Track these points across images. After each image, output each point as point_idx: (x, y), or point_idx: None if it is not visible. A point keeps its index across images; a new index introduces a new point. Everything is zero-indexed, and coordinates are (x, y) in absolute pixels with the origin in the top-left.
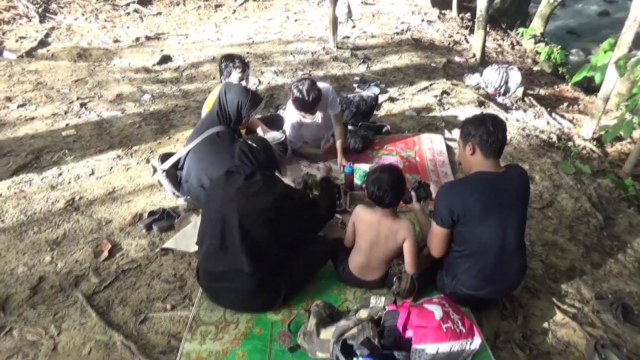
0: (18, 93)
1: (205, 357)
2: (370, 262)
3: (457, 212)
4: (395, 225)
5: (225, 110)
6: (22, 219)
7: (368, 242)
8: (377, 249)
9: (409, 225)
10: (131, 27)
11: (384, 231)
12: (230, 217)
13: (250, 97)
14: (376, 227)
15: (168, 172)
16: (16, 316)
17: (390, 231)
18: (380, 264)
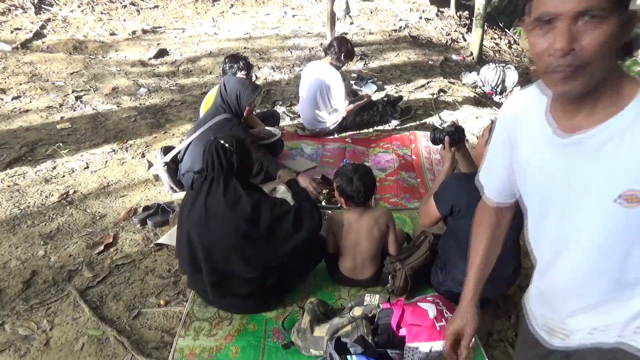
0: (12, 85)
1: (198, 353)
2: (358, 262)
3: (459, 206)
4: (375, 215)
5: (226, 102)
6: (15, 212)
7: (352, 243)
8: (361, 248)
9: (387, 213)
10: (128, 20)
11: (364, 228)
12: (194, 239)
13: (249, 85)
14: (356, 227)
15: (168, 165)
16: (8, 310)
17: (371, 224)
18: (368, 261)
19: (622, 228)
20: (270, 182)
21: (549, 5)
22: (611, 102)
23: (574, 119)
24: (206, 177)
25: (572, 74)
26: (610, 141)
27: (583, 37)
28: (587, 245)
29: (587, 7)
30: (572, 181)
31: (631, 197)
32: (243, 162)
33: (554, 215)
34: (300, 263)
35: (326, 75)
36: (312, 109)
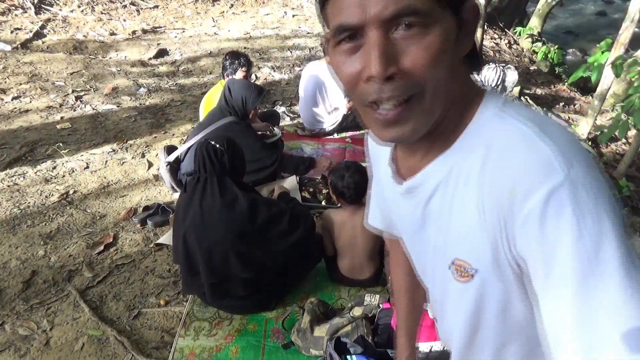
0: (12, 85)
1: (198, 353)
2: (356, 261)
3: None
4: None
5: (231, 105)
6: (15, 212)
7: (347, 242)
8: (358, 246)
9: None
10: (128, 20)
11: (358, 225)
12: (191, 241)
13: (254, 89)
14: (350, 223)
15: (170, 165)
16: (8, 310)
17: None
18: (366, 260)
19: (461, 302)
20: (270, 183)
21: (346, 14)
22: (447, 136)
23: (411, 160)
24: (199, 178)
25: (400, 113)
26: (436, 193)
27: (403, 54)
28: (442, 312)
29: (398, 11)
30: (422, 238)
31: (460, 267)
32: (234, 162)
33: (419, 267)
34: (299, 263)
35: (324, 73)
36: (310, 107)
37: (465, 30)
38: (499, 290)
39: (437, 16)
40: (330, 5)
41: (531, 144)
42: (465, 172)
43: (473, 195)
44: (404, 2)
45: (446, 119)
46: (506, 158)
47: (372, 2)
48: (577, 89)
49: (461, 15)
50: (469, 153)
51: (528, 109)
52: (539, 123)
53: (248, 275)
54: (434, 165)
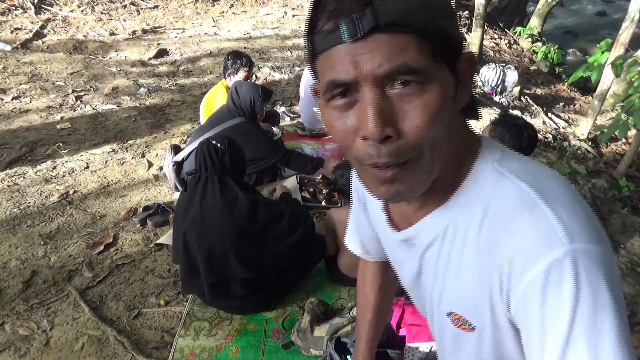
0: (12, 85)
1: (198, 353)
2: (356, 257)
3: None
4: None
5: (239, 107)
6: (15, 212)
7: None
8: None
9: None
10: (128, 20)
11: None
12: (191, 240)
13: (262, 91)
14: None
15: (176, 164)
16: (8, 310)
17: None
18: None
19: (462, 347)
20: (271, 183)
21: (338, 70)
22: (443, 188)
23: (406, 209)
24: (199, 177)
25: (397, 173)
26: (432, 246)
27: (400, 114)
28: (443, 352)
29: (393, 69)
30: (420, 282)
31: (458, 320)
32: (235, 161)
33: (422, 311)
34: (299, 263)
35: None
36: (310, 107)
37: (462, 82)
38: (498, 341)
39: (434, 73)
40: (322, 60)
41: (531, 210)
42: (462, 231)
43: (470, 256)
44: (399, 60)
45: (443, 173)
46: (505, 223)
47: (366, 58)
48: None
49: (457, 67)
50: (464, 210)
51: (526, 162)
52: (538, 183)
53: (247, 275)
54: (429, 219)
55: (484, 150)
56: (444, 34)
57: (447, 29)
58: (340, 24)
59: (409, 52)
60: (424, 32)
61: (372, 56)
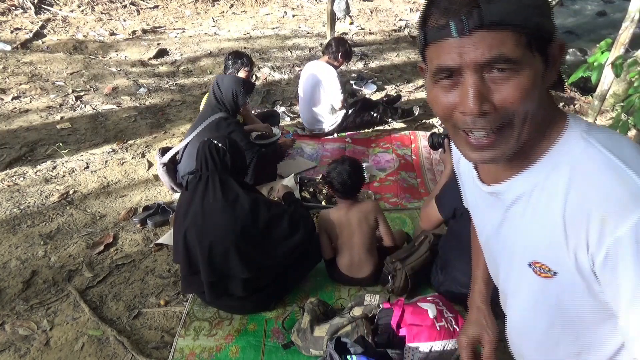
0: (12, 85)
1: (198, 353)
2: (355, 256)
3: (461, 209)
4: (362, 208)
5: (221, 101)
6: (15, 212)
7: (345, 239)
8: (355, 241)
9: (376, 205)
10: (128, 20)
11: (355, 221)
12: (192, 239)
13: (243, 84)
14: (346, 220)
15: (167, 166)
16: (8, 310)
17: (360, 216)
18: (364, 255)
19: (540, 296)
20: (268, 183)
21: (445, 58)
22: (530, 152)
23: (494, 168)
24: (200, 177)
25: (492, 140)
26: (518, 201)
27: (495, 93)
28: (515, 305)
29: (492, 58)
30: (500, 234)
31: (539, 268)
32: (236, 161)
33: (493, 263)
34: (299, 263)
35: (320, 72)
36: (310, 107)
37: (552, 65)
38: (577, 288)
39: (526, 60)
40: (432, 49)
41: (619, 173)
42: (549, 188)
43: (557, 210)
44: (497, 52)
45: (530, 140)
46: (594, 182)
47: (469, 49)
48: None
49: (549, 52)
50: (552, 171)
51: (609, 133)
52: (622, 151)
53: (247, 275)
54: (519, 177)
55: (571, 122)
56: (538, 28)
57: (541, 24)
58: (450, 21)
59: (506, 45)
60: (520, 28)
61: (475, 48)
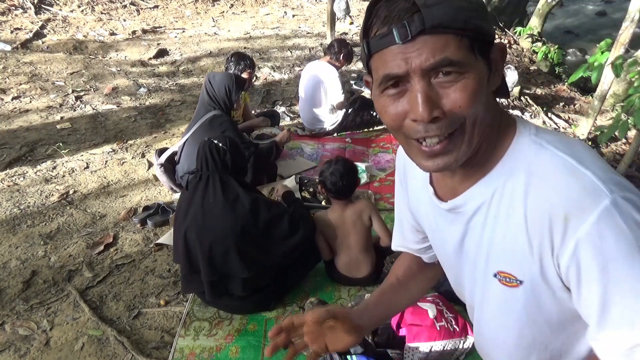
0: (12, 85)
1: (198, 353)
2: (352, 256)
3: None
4: (356, 208)
5: (214, 99)
6: (15, 212)
7: (341, 239)
8: (351, 241)
9: (369, 203)
10: (128, 20)
11: (349, 221)
12: (192, 238)
13: (235, 80)
14: (341, 220)
15: (165, 166)
16: (8, 310)
17: (354, 216)
18: (361, 255)
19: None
20: (269, 184)
21: (391, 66)
22: (484, 161)
23: (450, 182)
24: (201, 176)
25: (444, 146)
26: (478, 212)
27: (444, 98)
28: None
29: (437, 62)
30: (462, 249)
31: (505, 278)
32: (237, 161)
33: (456, 279)
34: (299, 263)
35: (322, 72)
36: (310, 107)
37: (494, 68)
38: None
39: (470, 63)
40: (376, 58)
41: (574, 172)
42: (508, 195)
43: (518, 216)
44: (442, 55)
45: (482, 146)
46: (551, 184)
47: (413, 54)
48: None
49: (491, 56)
50: (509, 177)
51: (557, 135)
52: (573, 151)
53: (247, 275)
54: (476, 188)
55: (520, 127)
56: (479, 30)
57: (481, 26)
58: (393, 28)
59: (449, 48)
60: (461, 31)
61: (419, 53)
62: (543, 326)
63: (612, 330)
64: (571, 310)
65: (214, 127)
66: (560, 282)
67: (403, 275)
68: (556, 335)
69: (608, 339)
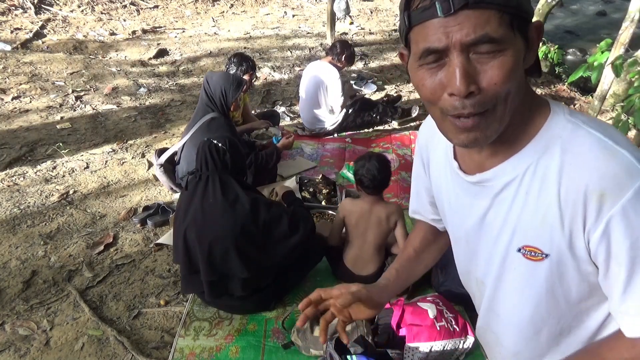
0: (12, 85)
1: (198, 353)
2: (364, 252)
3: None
4: (387, 209)
5: (212, 99)
6: (15, 212)
7: (360, 232)
8: (369, 237)
9: (399, 209)
10: (128, 20)
11: (374, 218)
12: (191, 238)
13: (233, 80)
14: (367, 215)
15: (165, 166)
16: (8, 310)
17: (382, 216)
18: (373, 252)
19: (527, 281)
20: (271, 184)
21: (431, 39)
22: (514, 138)
23: (477, 157)
24: (200, 176)
25: (477, 122)
26: (508, 187)
27: (481, 73)
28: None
29: (477, 38)
30: (483, 223)
31: (530, 252)
32: (237, 161)
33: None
34: (299, 264)
35: (323, 72)
36: (311, 108)
37: (530, 46)
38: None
39: (509, 40)
40: (416, 31)
41: (611, 151)
42: (541, 172)
43: (551, 193)
44: (482, 31)
45: (512, 123)
46: (587, 162)
47: (455, 29)
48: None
49: (527, 34)
50: (542, 155)
51: (592, 118)
52: (608, 131)
53: (247, 275)
54: (507, 163)
55: (554, 107)
56: (519, 7)
57: (522, 3)
58: (435, 1)
59: (491, 24)
60: (503, 7)
61: (461, 28)
62: (560, 300)
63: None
64: (590, 284)
65: (211, 129)
66: (587, 256)
67: (420, 245)
68: (570, 310)
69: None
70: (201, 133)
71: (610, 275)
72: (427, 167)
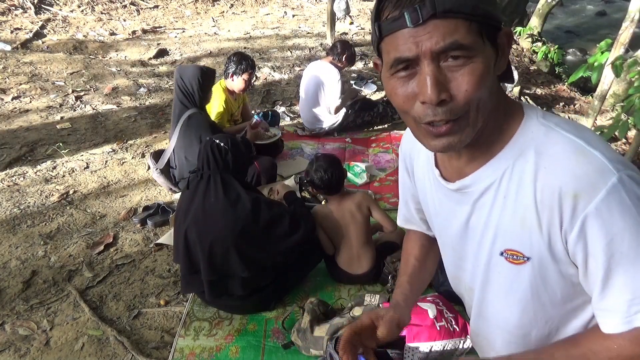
0: (12, 85)
1: (198, 353)
2: (353, 250)
3: None
4: (354, 200)
5: (187, 93)
6: (15, 212)
7: (342, 233)
8: (352, 235)
9: (363, 194)
10: (128, 20)
11: (347, 213)
12: (192, 238)
13: (204, 71)
14: (339, 214)
15: (162, 171)
16: (8, 310)
17: (353, 208)
18: (362, 248)
19: (512, 284)
20: (269, 184)
21: (402, 49)
22: (490, 143)
23: (457, 164)
24: (202, 175)
25: (450, 128)
26: (487, 192)
27: (452, 81)
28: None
29: (447, 45)
30: (467, 229)
31: (512, 255)
32: (238, 161)
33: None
34: (300, 263)
35: (323, 72)
36: (311, 107)
37: (501, 53)
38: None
39: (479, 47)
40: (387, 42)
41: (583, 152)
42: (517, 175)
43: (528, 195)
44: (451, 39)
45: (487, 129)
46: (561, 164)
47: (425, 38)
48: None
49: (498, 41)
50: (518, 158)
51: (565, 120)
52: (580, 133)
53: (247, 274)
54: (485, 169)
55: (527, 111)
56: (487, 15)
57: (489, 12)
58: (404, 12)
59: (459, 32)
60: (471, 16)
61: (430, 37)
62: (545, 302)
63: (613, 298)
64: (574, 285)
65: (191, 127)
66: (566, 257)
67: (420, 254)
68: (557, 311)
69: (609, 307)
70: (184, 133)
71: (589, 274)
72: (412, 175)
